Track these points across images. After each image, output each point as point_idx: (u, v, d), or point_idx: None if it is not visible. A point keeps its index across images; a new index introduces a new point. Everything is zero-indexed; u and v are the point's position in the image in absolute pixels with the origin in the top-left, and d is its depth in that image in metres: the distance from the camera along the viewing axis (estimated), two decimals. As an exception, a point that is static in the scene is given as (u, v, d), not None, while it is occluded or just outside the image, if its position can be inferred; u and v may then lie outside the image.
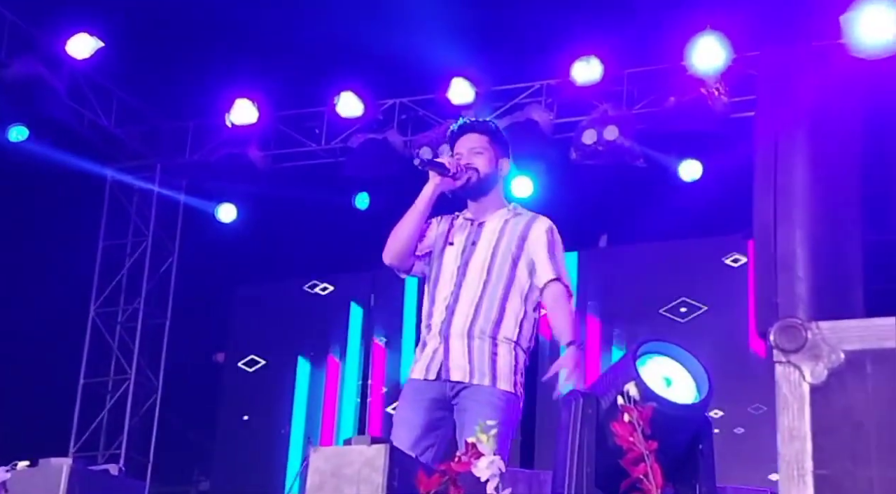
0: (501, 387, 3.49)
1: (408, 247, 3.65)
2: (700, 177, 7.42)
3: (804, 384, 1.75)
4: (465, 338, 3.50)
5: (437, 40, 6.78)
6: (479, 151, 3.66)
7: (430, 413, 3.51)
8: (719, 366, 4.46)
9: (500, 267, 3.56)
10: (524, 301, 3.58)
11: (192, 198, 8.39)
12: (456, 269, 3.58)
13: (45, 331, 7.67)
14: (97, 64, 7.48)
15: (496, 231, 3.61)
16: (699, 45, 6.84)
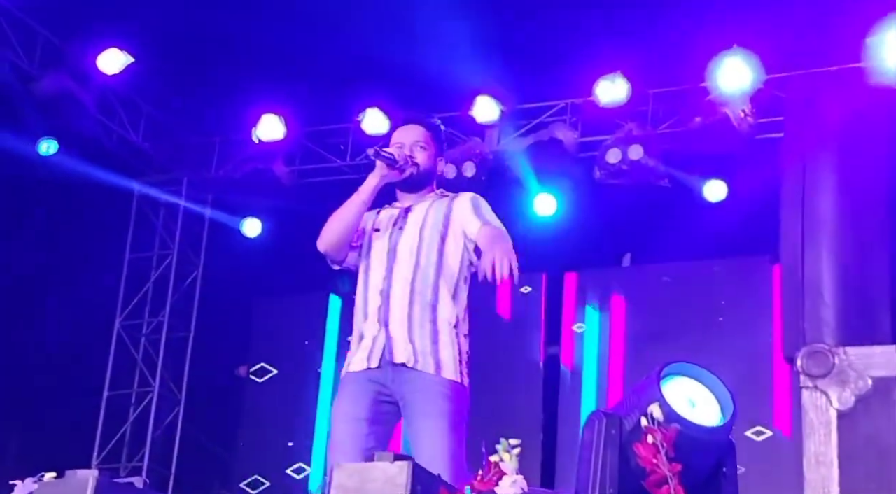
0: (447, 376, 3.35)
1: (346, 236, 3.55)
2: (725, 198, 7.40)
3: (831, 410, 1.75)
4: (406, 322, 3.38)
5: (463, 58, 6.81)
6: (423, 146, 3.62)
7: (374, 406, 3.38)
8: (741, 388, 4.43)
9: (428, 248, 3.45)
10: (456, 283, 3.45)
11: (217, 212, 8.46)
12: (385, 255, 3.49)
13: (71, 343, 7.73)
14: (126, 79, 7.56)
15: (422, 213, 3.53)
16: (725, 65, 6.84)
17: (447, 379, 3.36)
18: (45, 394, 7.84)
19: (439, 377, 3.35)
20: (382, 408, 3.40)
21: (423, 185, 3.62)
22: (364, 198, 3.54)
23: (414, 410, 3.34)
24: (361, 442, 3.34)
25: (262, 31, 6.87)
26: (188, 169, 8.45)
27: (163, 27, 6.91)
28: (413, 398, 3.34)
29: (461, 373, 3.39)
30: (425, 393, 3.32)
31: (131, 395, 8.21)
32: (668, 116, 7.39)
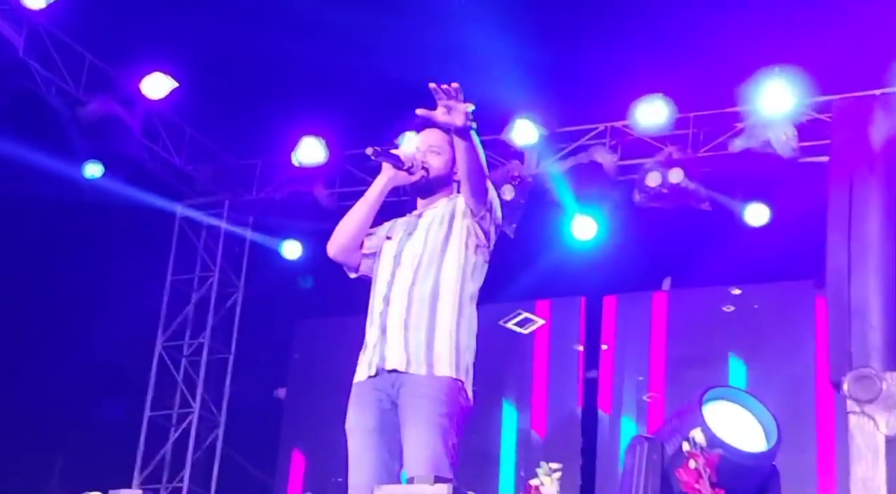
0: (440, 373, 3.23)
1: (353, 239, 3.44)
2: (767, 222, 7.33)
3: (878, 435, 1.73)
4: (403, 329, 3.28)
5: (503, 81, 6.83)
6: (436, 151, 3.46)
7: (380, 415, 3.29)
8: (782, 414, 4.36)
9: (431, 249, 3.35)
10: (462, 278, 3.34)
11: (258, 234, 8.52)
12: (392, 260, 3.38)
13: (113, 363, 7.81)
14: (170, 102, 7.67)
15: (429, 220, 3.40)
16: (767, 88, 6.80)
17: (438, 376, 3.24)
18: (87, 415, 7.91)
19: (430, 377, 3.23)
20: (388, 416, 3.30)
21: (437, 190, 3.47)
22: (371, 199, 3.44)
23: (403, 415, 3.25)
24: (375, 453, 3.27)
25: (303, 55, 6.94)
26: (230, 191, 8.54)
27: (206, 51, 7.01)
28: (404, 401, 3.25)
29: (457, 368, 3.25)
30: (416, 397, 3.22)
31: (172, 416, 8.26)
32: (709, 139, 7.35)
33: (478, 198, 3.31)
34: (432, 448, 3.16)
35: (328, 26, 6.75)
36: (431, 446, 3.16)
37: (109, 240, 7.88)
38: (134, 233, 7.98)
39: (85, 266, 7.79)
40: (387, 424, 3.28)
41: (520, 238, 7.64)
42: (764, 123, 6.92)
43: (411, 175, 3.40)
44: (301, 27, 6.90)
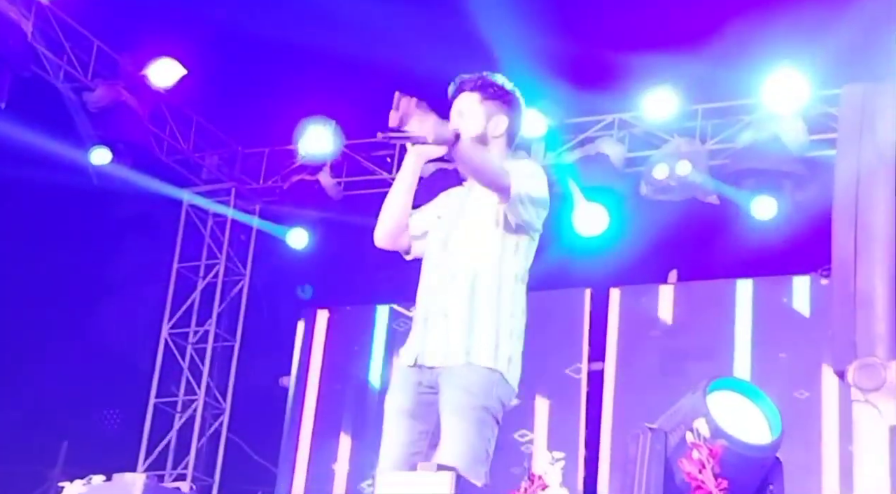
0: (476, 362, 3.14)
1: (394, 224, 3.32)
2: (774, 215, 7.31)
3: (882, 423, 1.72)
4: (443, 318, 3.18)
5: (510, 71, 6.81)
6: (468, 113, 3.28)
7: (417, 396, 3.22)
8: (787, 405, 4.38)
9: (471, 234, 3.22)
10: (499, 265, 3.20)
11: (265, 222, 8.53)
12: (438, 244, 3.25)
13: (118, 351, 7.82)
14: (178, 89, 7.67)
15: (477, 197, 3.24)
16: (776, 81, 6.77)
17: (476, 366, 3.15)
18: (93, 401, 7.93)
19: (467, 367, 3.15)
20: (425, 400, 3.21)
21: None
22: (401, 181, 3.31)
23: (442, 404, 3.18)
24: (404, 435, 3.23)
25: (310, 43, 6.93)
26: (237, 179, 8.54)
27: (214, 39, 7.01)
28: (442, 391, 3.18)
29: (496, 357, 3.15)
30: (452, 387, 3.15)
31: (177, 403, 8.27)
32: (717, 132, 7.33)
33: (497, 192, 3.16)
34: (467, 441, 3.13)
35: (337, 14, 6.74)
36: (466, 438, 3.13)
37: (116, 227, 7.90)
38: (141, 219, 7.99)
39: (91, 252, 7.80)
40: (423, 409, 3.21)
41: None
42: (772, 116, 6.90)
43: (441, 144, 3.10)
44: (309, 15, 6.89)
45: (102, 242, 7.92)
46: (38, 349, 7.71)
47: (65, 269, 7.74)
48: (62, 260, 7.71)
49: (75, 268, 7.76)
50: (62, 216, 7.67)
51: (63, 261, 7.72)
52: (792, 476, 3.07)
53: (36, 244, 7.66)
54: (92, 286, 7.86)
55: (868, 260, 1.93)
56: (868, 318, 1.85)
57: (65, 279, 7.77)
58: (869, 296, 1.87)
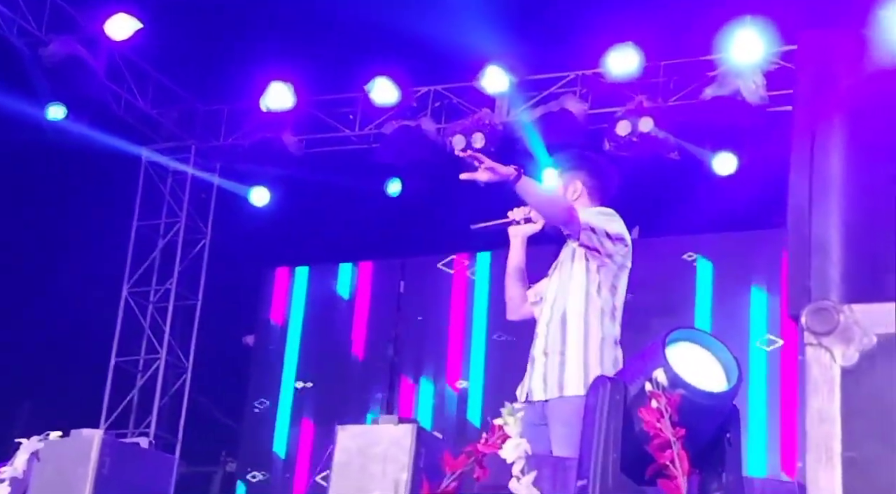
0: (569, 394, 3.54)
1: (516, 302, 3.84)
2: (735, 171, 7.36)
3: (835, 366, 1.74)
4: (543, 357, 3.64)
5: (473, 28, 6.77)
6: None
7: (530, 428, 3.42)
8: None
9: (561, 283, 3.67)
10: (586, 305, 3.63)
11: (225, 180, 8.46)
12: (545, 296, 3.74)
13: (78, 310, 7.75)
14: (135, 45, 7.55)
15: (566, 252, 3.73)
16: (737, 37, 6.78)
17: (568, 397, 3.53)
18: (53, 361, 7.87)
19: (561, 400, 3.55)
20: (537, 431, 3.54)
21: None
22: (510, 265, 3.81)
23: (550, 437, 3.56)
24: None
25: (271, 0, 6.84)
26: (197, 137, 8.45)
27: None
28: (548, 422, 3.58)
29: (585, 385, 3.43)
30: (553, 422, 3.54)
31: (139, 362, 8.24)
32: (679, 88, 7.34)
33: (562, 225, 3.62)
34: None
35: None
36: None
37: (73, 185, 7.80)
38: (98, 177, 7.89)
39: (48, 211, 7.70)
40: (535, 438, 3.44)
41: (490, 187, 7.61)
42: (734, 72, 6.92)
43: (534, 222, 3.74)
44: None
45: (59, 201, 7.82)
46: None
47: (21, 228, 7.63)
48: (18, 220, 7.60)
49: (32, 227, 7.66)
50: (17, 174, 7.55)
51: (19, 221, 7.62)
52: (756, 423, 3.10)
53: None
54: (49, 245, 7.77)
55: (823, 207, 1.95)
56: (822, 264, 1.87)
57: (22, 238, 7.67)
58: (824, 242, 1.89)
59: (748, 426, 6.63)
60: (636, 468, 2.92)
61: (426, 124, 7.75)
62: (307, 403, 8.18)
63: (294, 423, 8.14)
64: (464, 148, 3.78)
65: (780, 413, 6.74)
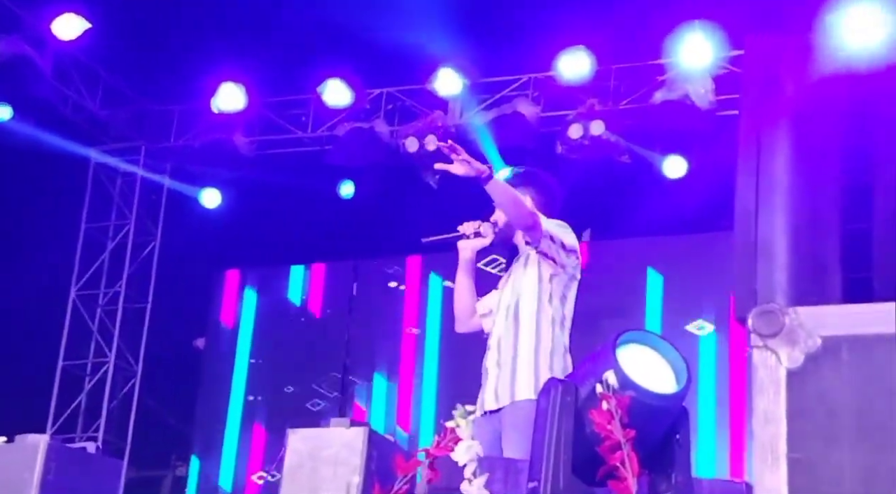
0: (521, 398, 3.60)
1: (465, 313, 3.89)
2: (685, 175, 7.44)
3: (781, 368, 1.77)
4: (496, 368, 3.72)
5: (426, 30, 6.78)
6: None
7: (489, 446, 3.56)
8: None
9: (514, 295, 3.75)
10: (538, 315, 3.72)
11: (176, 182, 8.37)
12: (496, 311, 3.83)
13: (25, 313, 7.64)
14: (83, 45, 7.44)
15: (517, 265, 3.82)
16: (686, 41, 6.86)
17: (518, 401, 3.60)
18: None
19: (512, 406, 3.61)
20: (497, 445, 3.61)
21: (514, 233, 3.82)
22: (460, 276, 3.85)
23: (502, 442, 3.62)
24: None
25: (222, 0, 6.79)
26: (146, 138, 8.36)
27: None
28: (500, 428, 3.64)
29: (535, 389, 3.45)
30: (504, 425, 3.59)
31: (86, 366, 8.13)
32: (630, 92, 7.41)
33: (525, 229, 3.68)
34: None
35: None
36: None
37: (20, 186, 7.67)
38: (46, 178, 7.77)
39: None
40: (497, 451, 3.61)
41: (442, 189, 7.64)
42: (683, 76, 6.99)
43: (483, 236, 3.78)
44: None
45: (5, 203, 7.69)
46: (-60, 312, 7.48)
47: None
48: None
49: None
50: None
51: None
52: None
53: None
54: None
55: (769, 211, 1.98)
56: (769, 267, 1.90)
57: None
58: (769, 245, 1.92)
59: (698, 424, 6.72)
60: (587, 469, 2.94)
61: (379, 126, 7.74)
62: (258, 407, 8.12)
63: (245, 427, 8.08)
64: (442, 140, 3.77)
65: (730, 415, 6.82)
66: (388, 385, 7.90)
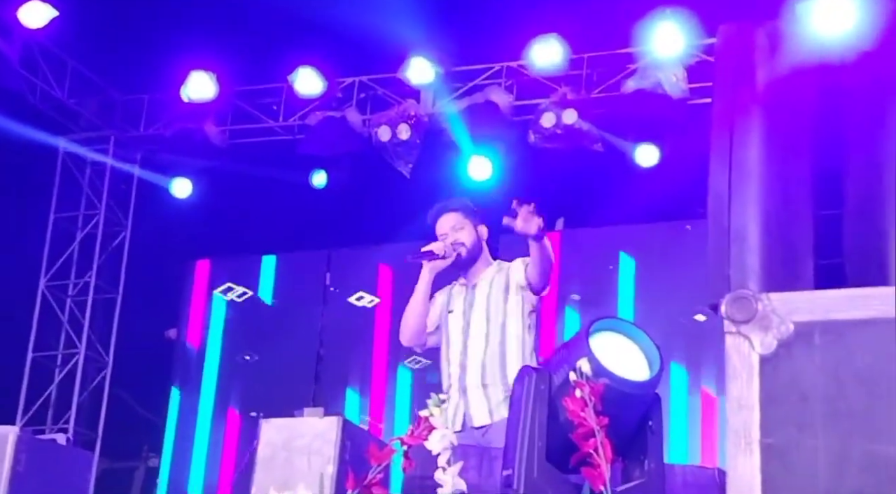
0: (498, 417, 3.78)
1: (417, 329, 4.09)
2: (657, 163, 7.46)
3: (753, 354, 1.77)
4: (482, 388, 3.91)
5: (399, 18, 6.75)
6: (459, 227, 4.10)
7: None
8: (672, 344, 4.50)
9: (495, 320, 3.99)
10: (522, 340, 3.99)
11: (146, 171, 8.30)
12: (461, 332, 4.02)
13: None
14: (51, 33, 7.35)
15: (486, 291, 4.06)
16: (658, 29, 6.87)
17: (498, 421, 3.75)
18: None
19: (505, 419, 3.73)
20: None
21: (476, 258, 4.11)
22: (421, 295, 4.05)
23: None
24: None
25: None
26: (116, 127, 8.28)
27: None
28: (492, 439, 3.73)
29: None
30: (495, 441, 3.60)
31: (57, 357, 8.06)
32: (602, 80, 7.42)
33: (546, 283, 4.05)
34: None
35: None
36: None
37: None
38: (14, 168, 7.68)
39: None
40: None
41: (416, 178, 7.63)
42: (655, 64, 7.01)
43: (447, 258, 4.03)
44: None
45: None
46: None
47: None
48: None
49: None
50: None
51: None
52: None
53: None
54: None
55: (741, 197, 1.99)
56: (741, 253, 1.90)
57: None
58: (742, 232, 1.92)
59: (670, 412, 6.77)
60: (561, 456, 2.95)
61: (351, 115, 7.70)
62: (232, 395, 8.09)
63: (218, 417, 8.05)
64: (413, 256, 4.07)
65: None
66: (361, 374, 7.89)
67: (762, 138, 2.09)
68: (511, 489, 2.97)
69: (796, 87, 2.20)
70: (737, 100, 2.13)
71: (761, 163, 2.04)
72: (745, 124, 2.08)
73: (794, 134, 2.13)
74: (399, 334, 4.14)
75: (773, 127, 2.11)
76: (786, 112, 2.14)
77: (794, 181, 2.07)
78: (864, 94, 2.28)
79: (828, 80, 2.40)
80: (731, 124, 2.09)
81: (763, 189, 2.01)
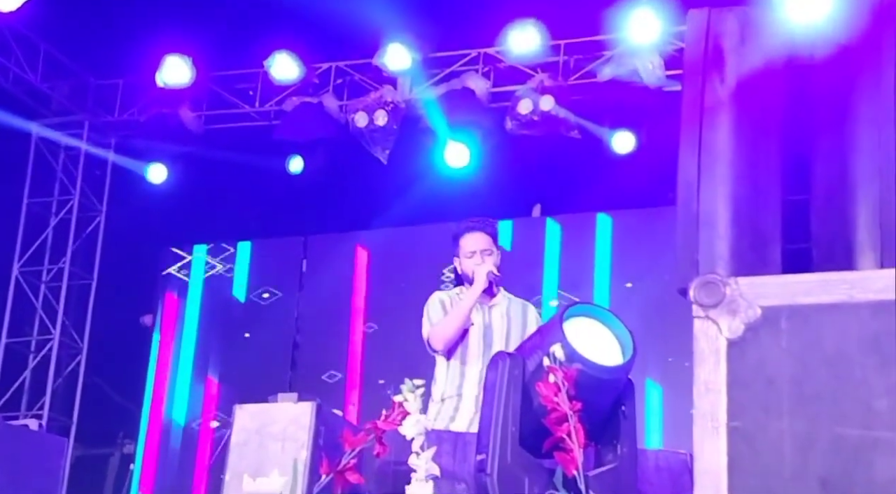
0: None
1: (457, 338, 4.13)
2: (633, 150, 7.48)
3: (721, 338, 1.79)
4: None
5: (376, 4, 6.72)
6: (490, 252, 4.16)
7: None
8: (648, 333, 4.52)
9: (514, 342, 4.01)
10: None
11: (121, 156, 8.25)
12: (480, 350, 4.09)
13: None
14: (24, 17, 7.28)
15: (504, 315, 4.17)
16: (634, 16, 6.89)
17: None
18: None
19: None
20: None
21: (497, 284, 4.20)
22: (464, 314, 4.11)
23: None
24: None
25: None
26: (90, 111, 8.21)
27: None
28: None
29: None
30: None
31: (31, 343, 8.01)
32: (579, 67, 7.42)
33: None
34: None
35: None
36: None
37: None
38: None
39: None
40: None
41: (392, 165, 7.62)
42: (631, 51, 7.02)
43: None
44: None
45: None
46: None
47: None
48: None
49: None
50: None
51: None
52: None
53: None
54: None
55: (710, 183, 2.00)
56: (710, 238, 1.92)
57: None
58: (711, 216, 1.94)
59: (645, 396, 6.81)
60: (534, 441, 2.96)
61: (328, 101, 7.68)
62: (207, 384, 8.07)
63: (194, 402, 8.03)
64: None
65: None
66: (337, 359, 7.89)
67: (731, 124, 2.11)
68: (484, 473, 2.98)
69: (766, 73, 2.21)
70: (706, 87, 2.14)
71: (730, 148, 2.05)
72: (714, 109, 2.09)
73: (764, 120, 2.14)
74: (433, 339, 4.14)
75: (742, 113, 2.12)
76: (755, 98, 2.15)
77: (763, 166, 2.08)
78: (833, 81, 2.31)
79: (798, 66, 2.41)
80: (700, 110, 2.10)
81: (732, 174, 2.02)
